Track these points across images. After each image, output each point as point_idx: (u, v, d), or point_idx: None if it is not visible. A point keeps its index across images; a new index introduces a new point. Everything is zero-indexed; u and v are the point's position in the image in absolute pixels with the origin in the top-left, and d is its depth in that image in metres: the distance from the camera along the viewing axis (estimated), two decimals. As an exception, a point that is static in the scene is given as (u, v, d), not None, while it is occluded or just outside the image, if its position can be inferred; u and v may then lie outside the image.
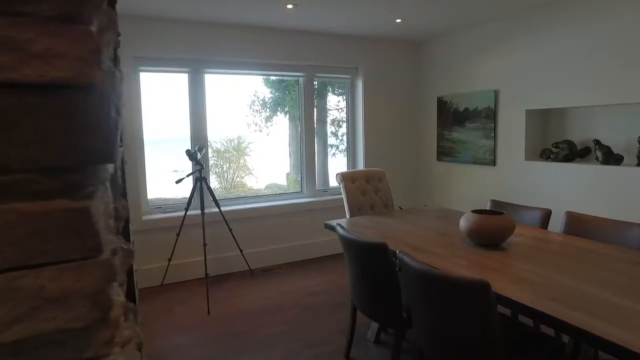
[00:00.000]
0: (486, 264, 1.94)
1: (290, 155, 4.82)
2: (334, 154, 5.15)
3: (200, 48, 3.87)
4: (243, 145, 4.77)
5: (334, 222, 2.83)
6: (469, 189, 4.40)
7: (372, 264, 2.08)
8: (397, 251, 1.85)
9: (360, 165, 4.77)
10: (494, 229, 2.13)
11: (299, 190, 4.67)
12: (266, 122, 4.71)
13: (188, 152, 3.48)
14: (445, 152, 4.62)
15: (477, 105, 4.20)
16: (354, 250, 2.17)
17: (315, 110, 4.62)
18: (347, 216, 3.20)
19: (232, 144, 4.73)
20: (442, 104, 4.62)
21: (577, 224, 2.55)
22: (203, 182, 3.66)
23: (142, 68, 3.78)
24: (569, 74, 3.40)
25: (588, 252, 2.09)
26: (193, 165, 3.69)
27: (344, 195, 3.23)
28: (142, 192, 3.86)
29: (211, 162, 4.44)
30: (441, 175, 4.74)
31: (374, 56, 4.69)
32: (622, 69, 3.06)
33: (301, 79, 4.50)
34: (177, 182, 3.63)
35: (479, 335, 1.54)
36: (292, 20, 3.89)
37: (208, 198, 3.75)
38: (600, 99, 3.19)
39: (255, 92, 4.55)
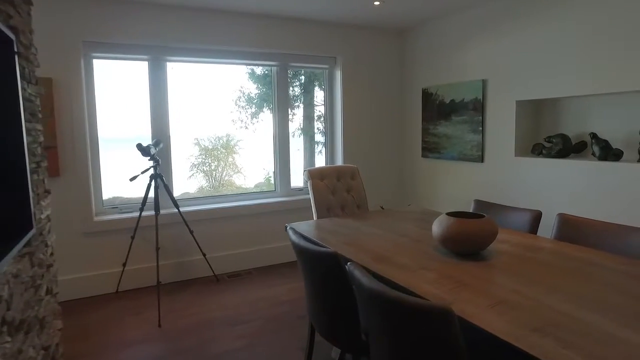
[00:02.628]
0: (460, 278, 1.60)
1: (276, 153, 4.50)
2: (320, 151, 4.84)
3: (160, 33, 3.51)
4: (232, 143, 4.46)
5: (294, 225, 2.49)
6: (455, 188, 4.06)
7: (323, 276, 1.74)
8: (348, 263, 1.51)
9: (339, 163, 4.42)
10: (471, 235, 1.79)
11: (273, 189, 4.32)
12: (252, 118, 4.40)
13: (139, 146, 3.12)
14: (430, 148, 4.28)
15: (463, 97, 3.86)
16: (305, 259, 1.83)
17: (302, 105, 4.30)
18: (314, 218, 2.86)
19: (221, 141, 4.42)
20: (427, 96, 4.28)
21: (571, 228, 2.21)
22: (159, 180, 3.31)
23: (95, 54, 3.42)
24: (563, 61, 3.06)
25: (585, 263, 1.76)
26: (156, 161, 3.32)
27: (310, 195, 2.89)
28: (96, 190, 3.51)
29: (198, 160, 4.20)
30: (426, 173, 4.40)
31: (354, 45, 4.34)
32: (621, 54, 2.72)
33: (274, 68, 4.15)
34: (131, 179, 3.28)
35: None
36: (262, 4, 3.53)
37: (192, 198, 3.40)
38: (597, 87, 2.86)
39: (241, 87, 4.22)
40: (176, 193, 3.88)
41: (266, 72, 4.38)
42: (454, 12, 3.91)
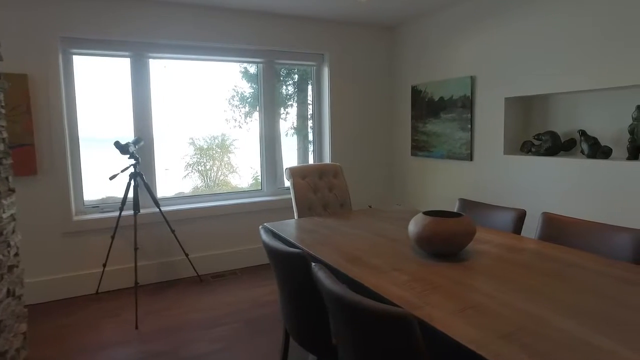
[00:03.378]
0: (432, 280, 1.53)
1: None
2: (313, 150, 4.77)
3: (142, 29, 3.44)
4: (227, 142, 4.39)
5: (270, 225, 2.42)
6: (444, 187, 3.99)
7: (292, 277, 1.67)
8: (313, 264, 1.44)
9: (327, 162, 4.35)
10: (448, 235, 1.72)
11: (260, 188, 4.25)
12: (246, 117, 4.33)
13: (117, 144, 3.05)
14: (419, 147, 4.20)
15: (452, 94, 3.78)
16: (275, 260, 1.76)
17: (295, 103, 4.22)
18: (295, 217, 2.79)
19: (216, 141, 4.36)
20: (416, 93, 4.21)
21: (555, 228, 2.14)
22: (139, 179, 3.24)
23: (75, 51, 3.35)
24: (552, 56, 2.99)
25: (565, 265, 1.68)
26: (136, 159, 3.23)
27: (291, 193, 2.81)
28: (77, 190, 3.43)
29: (193, 160, 4.13)
30: (416, 172, 4.33)
31: (342, 42, 4.26)
32: (609, 50, 2.65)
33: (260, 65, 4.07)
34: (111, 178, 3.21)
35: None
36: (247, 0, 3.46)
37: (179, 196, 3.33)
38: (586, 83, 2.79)
39: (235, 86, 4.15)
40: (170, 193, 3.81)
41: (256, 71, 4.31)
42: (443, 8, 3.83)
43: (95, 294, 3.39)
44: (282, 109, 4.39)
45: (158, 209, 3.36)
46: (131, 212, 3.30)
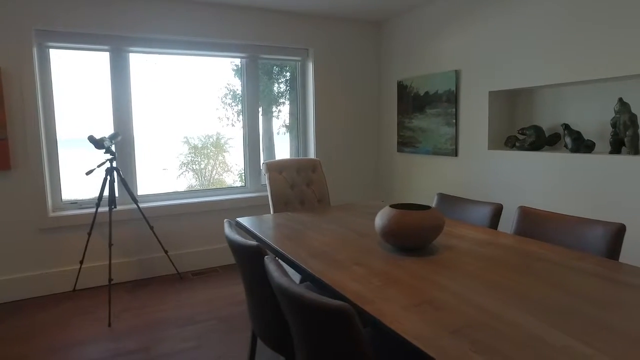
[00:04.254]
0: (393, 275, 1.47)
1: (262, 151, 4.36)
2: (298, 146, 4.71)
3: (121, 23, 3.38)
4: (222, 141, 4.34)
5: (241, 219, 2.36)
6: (430, 183, 3.92)
7: (251, 271, 1.61)
8: (265, 256, 1.38)
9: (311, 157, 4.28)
10: (414, 228, 1.66)
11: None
12: (238, 116, 4.27)
13: (91, 138, 2.99)
14: (405, 143, 4.14)
15: (437, 89, 3.72)
16: (236, 253, 1.70)
17: (288, 102, 4.15)
18: (271, 212, 2.73)
19: (211, 140, 4.30)
20: (402, 88, 4.15)
21: (530, 222, 2.08)
22: (115, 174, 3.18)
23: (51, 44, 3.29)
24: (535, 49, 2.93)
25: (536, 259, 1.62)
26: (113, 154, 3.17)
27: (267, 188, 2.75)
28: (54, 185, 3.37)
29: (187, 159, 4.09)
30: (402, 168, 4.27)
31: (328, 37, 4.20)
32: (593, 42, 2.59)
33: (243, 60, 4.01)
34: (87, 173, 3.15)
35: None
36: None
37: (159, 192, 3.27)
38: (569, 75, 2.72)
39: (228, 84, 4.09)
40: (164, 191, 3.77)
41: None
42: (429, 3, 3.77)
43: (73, 292, 3.34)
44: (274, 106, 4.34)
45: (136, 205, 3.30)
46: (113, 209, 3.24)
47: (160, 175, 3.92)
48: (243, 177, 4.26)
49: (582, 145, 2.80)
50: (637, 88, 2.61)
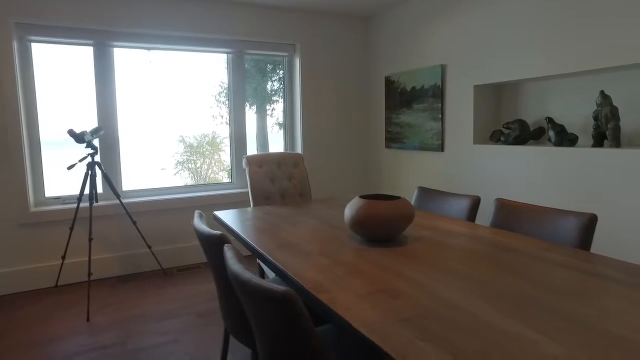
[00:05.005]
0: (355, 265, 1.44)
1: (257, 149, 4.35)
2: (285, 142, 4.69)
3: (105, 16, 3.36)
4: (218, 140, 4.32)
5: (218, 212, 2.34)
6: (417, 178, 3.90)
7: (215, 261, 1.59)
8: (225, 245, 1.36)
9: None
10: (382, 218, 1.63)
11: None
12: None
13: (71, 132, 2.97)
14: (393, 138, 4.12)
15: (423, 84, 3.70)
16: (202, 243, 1.68)
17: (281, 100, 4.12)
18: (251, 206, 2.70)
19: (207, 138, 4.29)
20: (389, 84, 4.12)
21: (507, 214, 2.05)
22: (97, 169, 3.16)
23: (33, 38, 3.27)
24: (519, 42, 2.90)
25: (505, 250, 1.60)
26: (94, 149, 3.15)
27: (247, 182, 2.73)
28: (37, 180, 3.35)
29: (183, 158, 4.09)
30: (390, 164, 4.24)
31: (314, 32, 4.18)
32: (575, 34, 2.57)
33: (229, 55, 3.99)
34: (69, 168, 3.12)
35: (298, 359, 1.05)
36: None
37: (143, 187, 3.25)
38: (553, 67, 2.70)
39: (222, 82, 4.08)
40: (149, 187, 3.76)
41: (245, 65, 4.24)
42: (414, -5, 3.75)
43: (55, 287, 3.31)
44: (268, 104, 4.33)
45: (118, 200, 3.28)
46: (94, 204, 3.22)
47: (152, 173, 3.89)
48: (230, 173, 4.24)
49: (565, 138, 2.78)
50: (618, 81, 2.59)
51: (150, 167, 3.90)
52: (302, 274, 1.36)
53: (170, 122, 3.89)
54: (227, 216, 2.29)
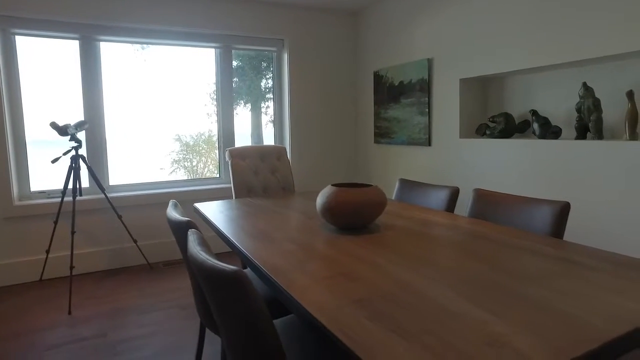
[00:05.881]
0: (320, 251, 1.43)
1: None
2: (274, 137, 4.68)
3: (91, 10, 3.34)
4: (214, 138, 4.31)
5: (198, 204, 2.33)
6: (405, 173, 3.89)
7: (183, 246, 1.58)
8: (190, 230, 1.34)
9: (288, 149, 4.25)
10: (352, 206, 1.62)
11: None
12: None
13: (54, 124, 2.96)
14: (381, 134, 4.11)
15: (411, 78, 3.69)
16: (174, 231, 1.67)
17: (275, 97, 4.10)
18: (233, 199, 2.69)
19: (203, 137, 4.28)
20: (378, 79, 4.11)
21: (484, 204, 2.04)
22: (81, 163, 3.15)
23: (17, 31, 3.26)
24: (504, 34, 2.89)
25: (475, 237, 1.59)
26: (78, 142, 3.14)
27: (230, 175, 2.72)
28: (21, 173, 3.34)
29: (179, 156, 4.08)
30: (379, 159, 4.23)
31: (303, 27, 4.17)
32: (559, 26, 2.55)
33: (217, 50, 3.98)
34: (53, 161, 3.12)
35: (252, 341, 1.04)
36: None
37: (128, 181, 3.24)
38: (536, 59, 2.69)
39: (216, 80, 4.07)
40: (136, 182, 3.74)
41: (239, 63, 4.23)
42: (402, -11, 3.74)
43: (39, 281, 3.30)
44: (262, 102, 4.32)
45: (104, 194, 3.27)
46: (78, 198, 3.22)
47: (144, 169, 3.88)
48: (219, 168, 4.23)
49: (549, 131, 2.77)
50: (601, 73, 2.58)
51: (142, 163, 3.89)
52: (265, 258, 1.35)
53: (165, 120, 3.88)
54: (206, 208, 2.28)
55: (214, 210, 2.19)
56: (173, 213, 1.65)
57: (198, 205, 2.32)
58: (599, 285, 1.09)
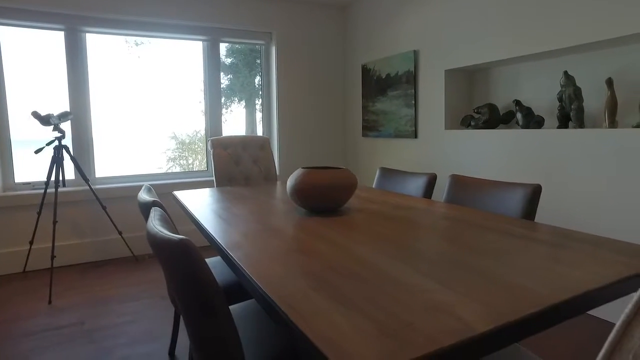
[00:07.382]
0: (284, 231, 1.42)
1: None
2: (263, 132, 4.67)
3: (76, 0, 3.33)
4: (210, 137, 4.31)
5: (177, 192, 2.32)
6: (392, 165, 3.88)
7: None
8: (153, 207, 1.33)
9: (275, 143, 4.24)
10: (321, 187, 1.61)
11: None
12: (226, 109, 4.25)
13: (35, 114, 2.95)
14: (369, 127, 4.10)
15: (398, 70, 3.68)
16: (142, 212, 1.66)
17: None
18: (215, 187, 2.68)
19: (198, 135, 4.27)
20: (365, 72, 4.10)
21: (459, 189, 2.03)
22: (65, 153, 3.14)
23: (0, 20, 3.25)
24: (486, 25, 2.88)
25: (443, 219, 1.58)
26: (62, 132, 3.13)
27: (212, 164, 2.71)
28: (5, 165, 3.33)
29: (175, 154, 4.08)
30: (367, 153, 4.22)
31: (291, 20, 4.16)
32: (541, 15, 2.54)
33: (204, 43, 3.97)
34: (37, 152, 3.11)
35: (201, 311, 1.03)
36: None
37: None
38: (518, 49, 2.68)
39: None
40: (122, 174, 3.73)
41: (233, 60, 4.23)
42: (388, -19, 3.73)
43: (23, 273, 3.29)
44: (257, 99, 4.32)
45: (88, 185, 3.26)
46: (62, 188, 3.21)
47: (134, 161, 3.87)
48: (206, 160, 4.22)
49: (532, 121, 2.76)
50: (582, 62, 2.57)
51: (135, 159, 3.87)
52: (225, 236, 1.34)
53: (160, 117, 3.87)
54: (184, 195, 2.27)
55: (191, 198, 2.18)
56: (144, 195, 1.64)
57: (177, 193, 2.31)
58: (555, 259, 1.09)
